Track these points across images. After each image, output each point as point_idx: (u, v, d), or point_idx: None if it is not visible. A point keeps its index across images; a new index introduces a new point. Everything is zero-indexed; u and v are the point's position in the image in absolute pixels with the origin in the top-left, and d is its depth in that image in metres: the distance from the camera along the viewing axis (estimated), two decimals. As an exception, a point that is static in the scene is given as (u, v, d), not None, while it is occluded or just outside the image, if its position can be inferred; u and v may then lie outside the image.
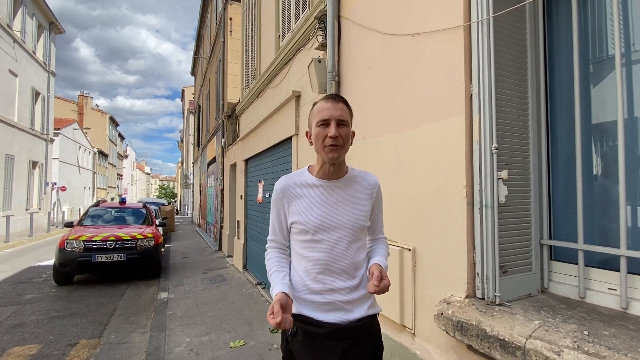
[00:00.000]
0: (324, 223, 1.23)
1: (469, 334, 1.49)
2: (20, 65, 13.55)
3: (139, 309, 4.79)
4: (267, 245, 1.36)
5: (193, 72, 21.86)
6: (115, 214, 7.73)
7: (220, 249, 9.57)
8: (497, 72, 1.62)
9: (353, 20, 2.75)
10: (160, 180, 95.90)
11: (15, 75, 13.22)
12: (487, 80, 1.60)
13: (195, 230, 15.72)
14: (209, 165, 13.30)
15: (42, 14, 15.64)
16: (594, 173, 1.61)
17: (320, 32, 3.16)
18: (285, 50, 4.25)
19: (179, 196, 43.21)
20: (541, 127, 1.76)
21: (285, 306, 1.08)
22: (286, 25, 4.57)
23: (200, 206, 17.09)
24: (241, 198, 6.97)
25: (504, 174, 1.58)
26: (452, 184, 1.75)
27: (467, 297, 1.66)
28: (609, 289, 1.48)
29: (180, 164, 45.97)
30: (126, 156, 51.90)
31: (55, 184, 18.14)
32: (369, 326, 1.24)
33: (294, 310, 1.26)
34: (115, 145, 41.51)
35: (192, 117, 24.30)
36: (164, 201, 20.71)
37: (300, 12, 4.00)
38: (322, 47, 3.10)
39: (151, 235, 6.53)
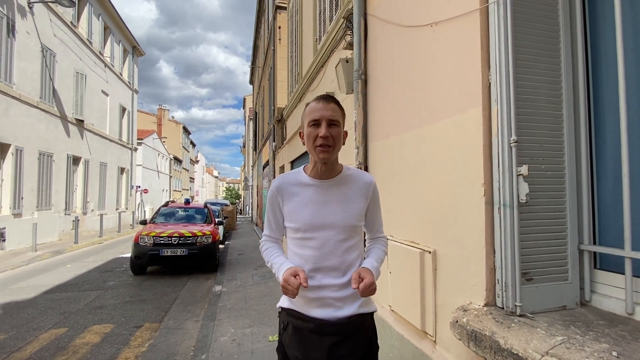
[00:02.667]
0: (314, 222, 1.24)
1: (483, 345, 1.36)
2: (110, 85, 15.87)
3: (195, 299, 5.27)
4: (262, 240, 1.42)
5: (251, 81, 23.27)
6: (181, 213, 8.63)
7: (272, 247, 9.99)
8: (517, 57, 1.46)
9: (378, 16, 2.68)
10: (227, 183, 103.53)
11: (107, 95, 15.54)
12: (504, 66, 1.45)
13: (253, 229, 16.66)
14: (264, 167, 14.03)
15: (126, 40, 18.11)
16: (649, 166, 1.34)
17: (349, 32, 3.15)
18: (321, 53, 4.31)
19: (242, 197, 46.25)
20: (580, 114, 1.52)
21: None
22: (322, 28, 4.63)
23: (257, 206, 18.08)
24: (289, 199, 7.22)
25: (524, 169, 1.40)
26: (470, 182, 1.62)
27: (485, 305, 1.51)
28: (665, 305, 1.22)
29: (243, 168, 49.18)
30: (197, 161, 57.25)
31: (139, 186, 20.84)
32: (358, 324, 1.22)
33: (286, 305, 1.29)
34: (188, 151, 46.10)
35: (251, 123, 25.84)
36: (227, 202, 22.36)
37: (333, 14, 4.02)
38: (350, 46, 3.08)
39: (209, 233, 7.13)
